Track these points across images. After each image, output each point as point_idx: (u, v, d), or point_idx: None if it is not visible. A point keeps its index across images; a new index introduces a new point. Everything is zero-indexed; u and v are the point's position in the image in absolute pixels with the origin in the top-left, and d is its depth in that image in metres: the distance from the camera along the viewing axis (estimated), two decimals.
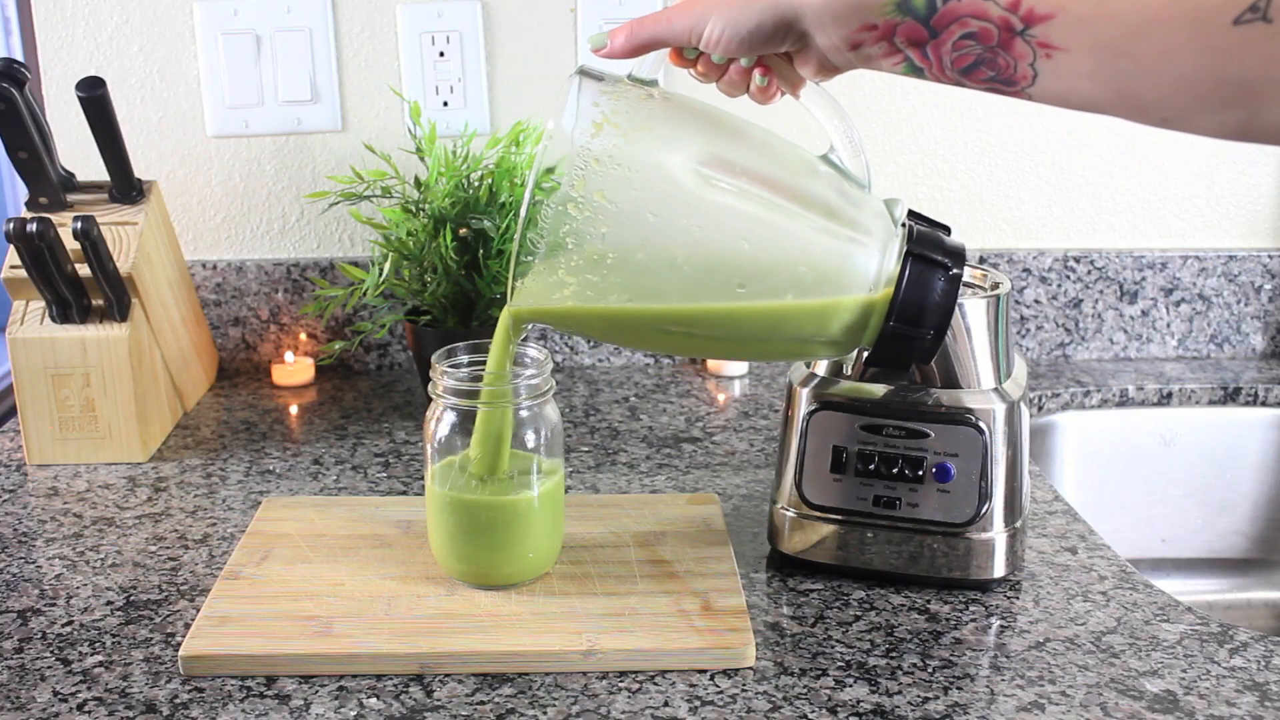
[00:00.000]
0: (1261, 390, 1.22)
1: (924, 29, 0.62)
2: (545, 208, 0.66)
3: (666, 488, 0.98)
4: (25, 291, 1.03)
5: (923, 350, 0.70)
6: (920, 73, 0.64)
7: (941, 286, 0.68)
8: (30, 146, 1.02)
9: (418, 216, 1.09)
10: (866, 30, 0.63)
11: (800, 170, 0.68)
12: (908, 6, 0.61)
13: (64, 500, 0.97)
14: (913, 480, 0.79)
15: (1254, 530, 1.22)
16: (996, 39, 0.59)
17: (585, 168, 0.66)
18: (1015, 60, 0.59)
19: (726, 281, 0.67)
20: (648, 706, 0.68)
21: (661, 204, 0.67)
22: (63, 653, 0.74)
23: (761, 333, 0.68)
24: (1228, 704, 0.68)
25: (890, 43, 0.63)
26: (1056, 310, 1.29)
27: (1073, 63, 0.58)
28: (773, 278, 0.67)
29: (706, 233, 0.67)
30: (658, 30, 0.68)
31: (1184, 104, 0.56)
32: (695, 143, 0.68)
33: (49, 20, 1.21)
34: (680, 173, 0.66)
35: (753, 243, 0.67)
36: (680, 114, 0.70)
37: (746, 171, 0.67)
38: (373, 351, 1.29)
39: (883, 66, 0.65)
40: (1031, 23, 0.58)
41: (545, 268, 0.67)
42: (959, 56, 0.61)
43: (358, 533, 0.86)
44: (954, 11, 0.60)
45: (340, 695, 0.69)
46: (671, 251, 0.67)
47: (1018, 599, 0.80)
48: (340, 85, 1.23)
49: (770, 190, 0.66)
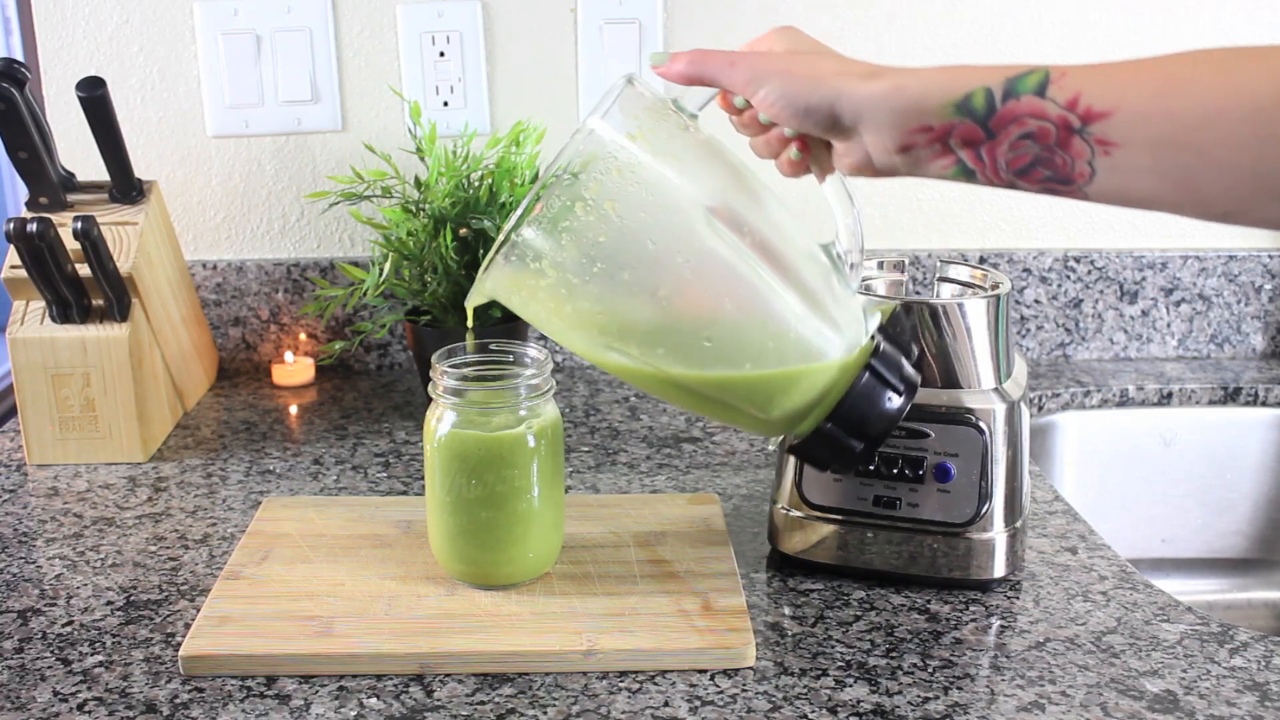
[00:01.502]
0: (1261, 390, 1.22)
1: (982, 130, 0.61)
2: (554, 197, 0.66)
3: (666, 488, 0.98)
4: (25, 291, 1.03)
5: (847, 458, 0.70)
6: (971, 175, 0.64)
7: (886, 407, 0.69)
8: (30, 146, 1.02)
9: (418, 216, 1.09)
10: (921, 132, 0.63)
11: (799, 252, 0.68)
12: (967, 107, 0.61)
13: (64, 500, 0.97)
14: (913, 480, 0.79)
15: (1254, 530, 1.22)
16: (1054, 137, 0.59)
17: (605, 174, 0.66)
18: (1073, 158, 0.59)
19: (696, 329, 0.67)
20: (648, 706, 0.68)
21: (663, 234, 0.66)
22: (63, 653, 0.74)
23: (707, 388, 0.68)
24: (1228, 704, 0.68)
25: (944, 145, 0.63)
26: (1056, 310, 1.29)
27: (1131, 158, 0.57)
28: (738, 343, 0.67)
29: (695, 277, 0.67)
30: (718, 71, 0.68)
31: (1246, 196, 0.55)
32: (714, 189, 0.67)
33: (49, 20, 1.21)
34: (691, 212, 0.66)
35: (734, 303, 0.67)
36: (709, 156, 0.69)
37: (752, 234, 0.67)
38: (373, 351, 1.29)
39: (929, 170, 0.65)
40: (1090, 120, 0.58)
41: (531, 253, 0.67)
42: (1015, 157, 0.61)
43: (358, 533, 0.86)
44: (1013, 112, 0.60)
45: (340, 695, 0.69)
46: (656, 282, 0.67)
47: (1018, 599, 0.80)
48: (340, 85, 1.23)
49: (766, 261, 0.66)
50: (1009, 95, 0.60)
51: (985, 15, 1.22)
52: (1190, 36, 1.23)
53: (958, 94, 0.61)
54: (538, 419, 0.77)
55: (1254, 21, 1.23)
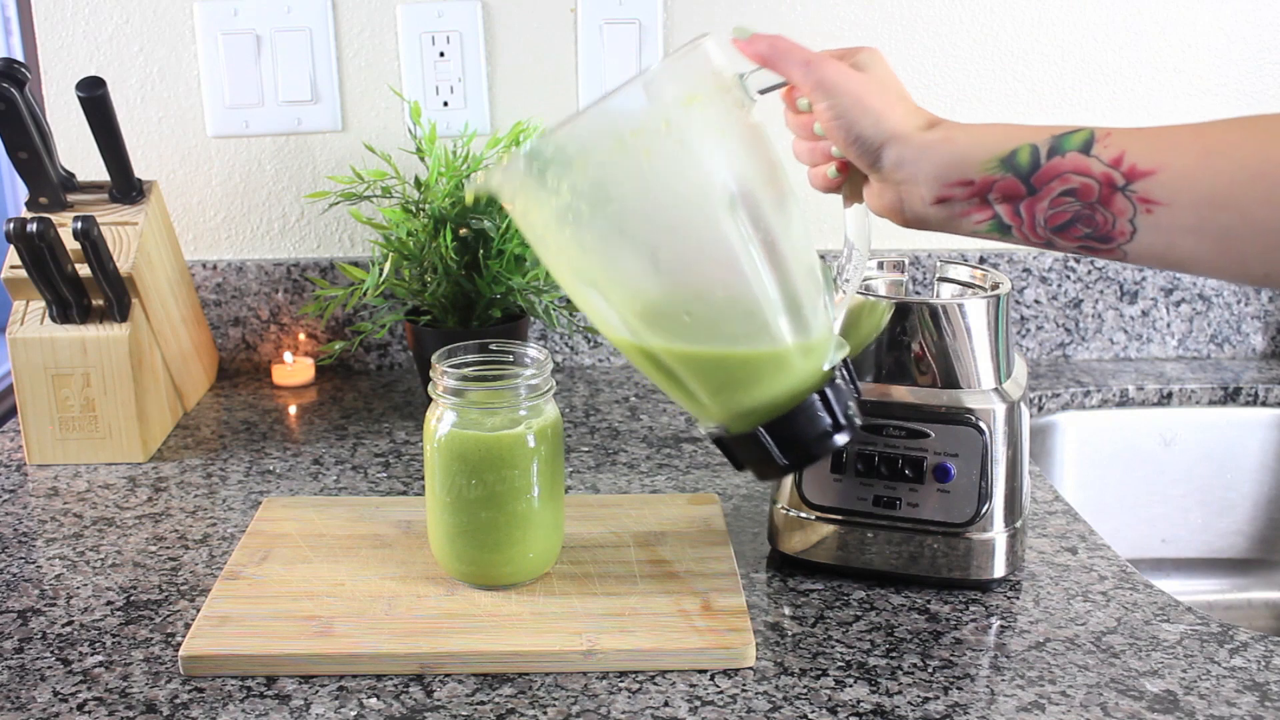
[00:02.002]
0: (1261, 390, 1.22)
1: (1023, 185, 0.62)
2: (595, 118, 0.64)
3: (666, 488, 0.98)
4: (25, 291, 1.03)
5: (768, 467, 0.70)
6: (1007, 231, 0.64)
7: (819, 437, 0.69)
8: (30, 146, 1.02)
9: (418, 216, 1.09)
10: (961, 185, 0.63)
11: (802, 264, 0.68)
12: (1012, 162, 0.61)
13: (64, 500, 0.97)
14: (913, 480, 0.79)
15: (1254, 530, 1.22)
16: (1097, 194, 0.59)
17: (652, 124, 0.64)
18: (1114, 216, 0.59)
19: (680, 301, 0.66)
20: (648, 706, 0.68)
21: (684, 202, 0.66)
22: (63, 653, 0.74)
23: (668, 357, 0.67)
24: (1228, 704, 0.68)
25: (983, 199, 0.63)
26: (1056, 310, 1.29)
27: (1174, 217, 0.58)
28: (714, 326, 0.67)
29: (698, 253, 0.66)
30: (792, 67, 0.67)
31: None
32: (747, 177, 0.67)
33: (49, 20, 1.21)
34: (718, 191, 0.65)
35: (725, 290, 0.66)
36: (753, 144, 0.68)
37: (766, 232, 0.66)
38: (373, 351, 1.29)
39: (962, 226, 0.65)
40: (1134, 178, 0.58)
41: (553, 171, 0.65)
42: (1055, 214, 0.61)
43: (358, 533, 0.86)
44: (1056, 168, 0.60)
45: (340, 695, 0.69)
46: (659, 244, 0.66)
47: (1018, 599, 0.80)
48: (340, 85, 1.23)
49: (770, 261, 0.66)
50: (1054, 152, 0.61)
51: (984, 14, 1.22)
52: (1190, 35, 1.23)
53: (1004, 150, 0.62)
54: (538, 419, 0.77)
55: (1254, 22, 1.23)
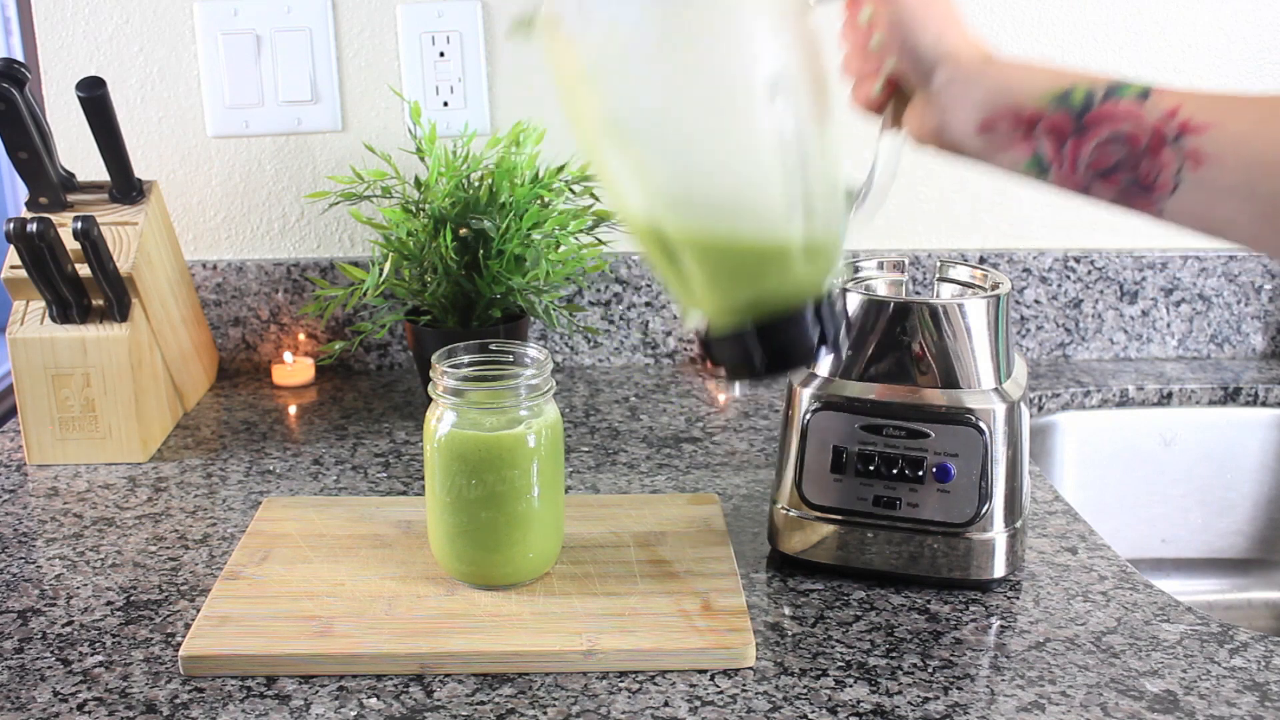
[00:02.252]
0: (1261, 390, 1.22)
1: (1073, 122, 0.61)
2: None
3: (666, 488, 0.98)
4: (25, 291, 1.03)
5: (746, 369, 0.68)
6: (1044, 172, 0.64)
7: (801, 349, 0.68)
8: (30, 146, 1.02)
9: (418, 216, 1.09)
10: (1009, 115, 0.63)
11: (828, 176, 0.66)
12: (1066, 100, 0.61)
13: (64, 500, 0.97)
14: (913, 480, 0.79)
15: (1254, 530, 1.22)
16: (1145, 143, 0.59)
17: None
18: (1159, 168, 0.59)
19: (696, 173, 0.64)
20: (648, 706, 0.68)
21: (722, 74, 0.63)
22: (63, 653, 0.74)
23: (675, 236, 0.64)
24: (1228, 704, 0.68)
25: (1028, 133, 0.63)
26: (1056, 310, 1.29)
27: (1220, 177, 0.57)
28: (722, 207, 0.64)
29: (724, 130, 0.63)
30: None
31: None
32: (794, 68, 0.64)
33: (49, 20, 1.21)
34: (760, 71, 0.63)
35: (744, 174, 0.64)
36: (808, 41, 0.66)
37: (799, 129, 0.63)
38: (373, 351, 1.29)
39: (1000, 158, 0.65)
40: (1186, 132, 0.58)
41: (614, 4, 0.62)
42: (1099, 157, 0.61)
43: (358, 533, 0.86)
44: (1110, 111, 0.60)
45: (340, 695, 0.69)
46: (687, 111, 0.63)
47: (1018, 599, 0.80)
48: (340, 85, 1.23)
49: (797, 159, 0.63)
50: (1110, 95, 0.60)
51: (983, 15, 1.22)
52: (1190, 36, 1.23)
53: (1059, 87, 0.62)
54: (538, 419, 0.77)
55: (1254, 22, 1.23)
